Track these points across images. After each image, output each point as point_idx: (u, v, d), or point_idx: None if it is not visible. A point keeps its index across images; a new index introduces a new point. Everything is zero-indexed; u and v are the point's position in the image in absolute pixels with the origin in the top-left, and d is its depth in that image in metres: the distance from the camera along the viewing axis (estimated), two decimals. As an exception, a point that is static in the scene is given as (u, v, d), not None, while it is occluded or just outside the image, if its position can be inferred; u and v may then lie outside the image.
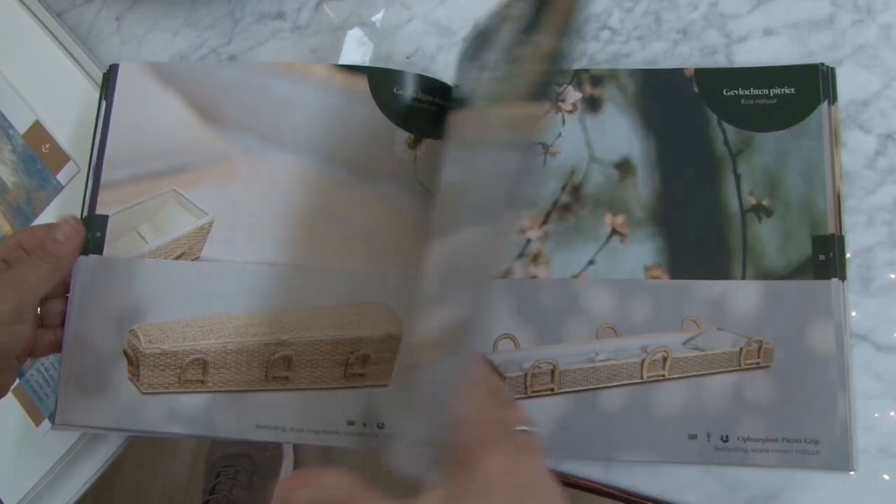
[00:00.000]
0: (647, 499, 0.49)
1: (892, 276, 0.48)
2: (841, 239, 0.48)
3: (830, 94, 0.49)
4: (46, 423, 0.57)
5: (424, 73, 0.54)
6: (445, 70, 0.57)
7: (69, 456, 0.57)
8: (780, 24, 0.53)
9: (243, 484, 1.11)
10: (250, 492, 1.11)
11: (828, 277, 0.47)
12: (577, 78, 0.52)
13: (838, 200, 0.48)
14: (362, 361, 0.50)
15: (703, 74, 0.51)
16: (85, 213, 0.54)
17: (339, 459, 1.25)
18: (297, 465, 1.24)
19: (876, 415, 0.47)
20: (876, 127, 0.50)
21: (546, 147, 0.51)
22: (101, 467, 0.58)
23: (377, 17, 0.60)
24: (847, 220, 0.49)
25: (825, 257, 0.48)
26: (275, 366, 0.50)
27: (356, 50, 0.60)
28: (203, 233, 0.53)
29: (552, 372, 0.48)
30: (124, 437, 0.57)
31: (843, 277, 0.48)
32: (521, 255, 0.50)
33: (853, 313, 0.48)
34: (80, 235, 0.52)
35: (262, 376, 0.50)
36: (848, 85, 0.51)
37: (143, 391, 0.51)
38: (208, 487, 1.12)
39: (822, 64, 0.50)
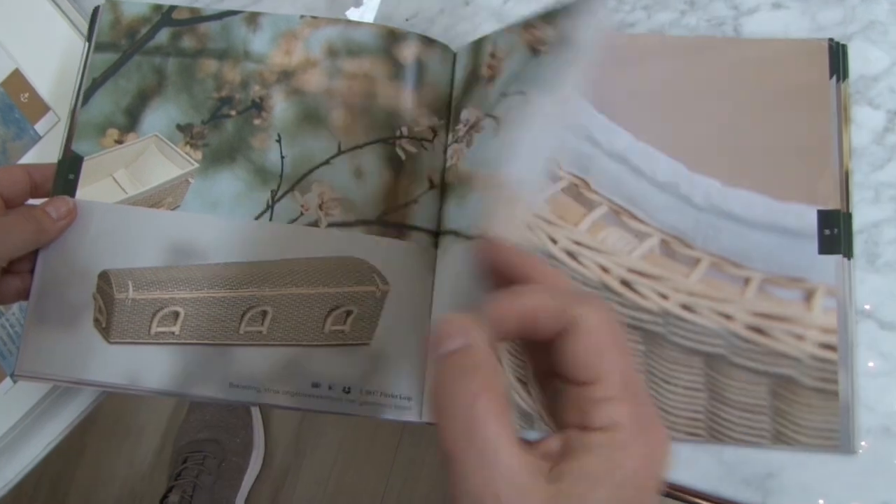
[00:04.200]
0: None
1: (898, 254, 0.47)
2: (848, 216, 0.47)
3: (840, 71, 0.48)
4: (8, 382, 0.54)
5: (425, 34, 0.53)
6: (445, 33, 0.56)
7: (30, 416, 0.54)
8: (789, -2, 0.52)
9: (211, 470, 1.07)
10: (218, 478, 1.08)
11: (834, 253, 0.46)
12: None
13: (846, 178, 0.47)
14: (344, 318, 0.48)
15: None
16: (60, 155, 0.52)
17: (312, 447, 1.23)
18: (267, 453, 1.22)
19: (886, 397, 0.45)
20: (885, 103, 0.49)
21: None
22: (64, 431, 0.55)
23: None
24: (853, 196, 0.48)
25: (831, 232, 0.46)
26: (251, 320, 0.48)
27: (353, 11, 0.58)
28: (185, 183, 0.50)
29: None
30: (87, 401, 0.55)
31: (849, 255, 0.46)
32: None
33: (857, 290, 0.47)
34: (71, 217, 0.50)
35: (236, 330, 0.48)
36: (857, 60, 0.50)
37: (111, 340, 0.48)
38: (174, 473, 1.09)
39: (832, 39, 0.49)
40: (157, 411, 1.28)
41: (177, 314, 0.48)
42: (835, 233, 0.46)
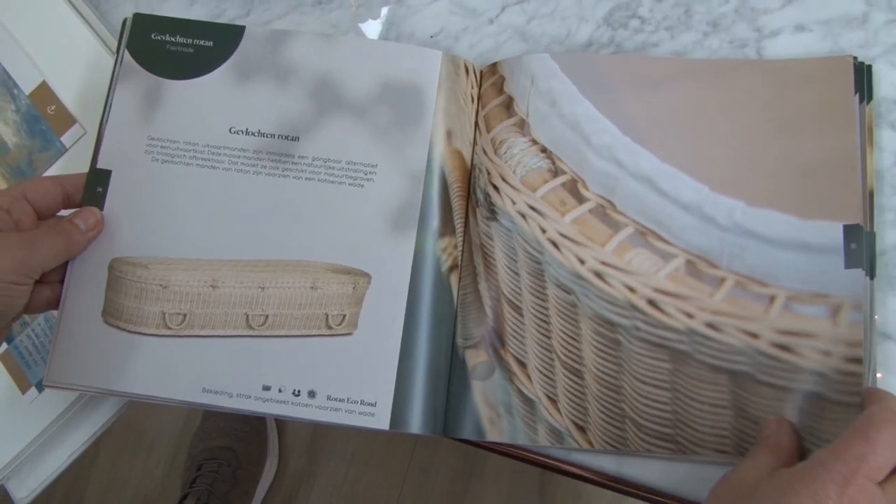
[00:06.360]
0: (660, 494, 0.48)
1: (920, 275, 0.48)
2: (872, 235, 0.47)
3: (864, 91, 0.49)
4: (33, 391, 0.55)
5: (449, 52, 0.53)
6: (469, 51, 0.57)
7: (54, 427, 0.55)
8: (812, 20, 0.52)
9: (225, 478, 1.08)
10: (233, 486, 1.08)
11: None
12: None
13: (871, 199, 0.47)
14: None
15: None
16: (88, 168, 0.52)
17: (326, 455, 1.23)
18: (281, 461, 1.22)
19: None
20: (907, 126, 0.50)
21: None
22: (88, 441, 0.56)
23: (380, 9, 0.59)
24: (875, 218, 0.48)
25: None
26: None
27: (377, 27, 0.59)
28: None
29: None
30: (111, 412, 0.56)
31: (872, 275, 0.46)
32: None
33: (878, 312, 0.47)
34: (99, 229, 0.51)
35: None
36: (880, 83, 0.50)
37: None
38: (188, 480, 1.09)
39: (856, 58, 0.49)
40: (171, 418, 1.28)
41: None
42: (861, 246, 0.46)
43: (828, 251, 0.46)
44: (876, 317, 0.47)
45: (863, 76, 0.49)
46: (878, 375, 0.46)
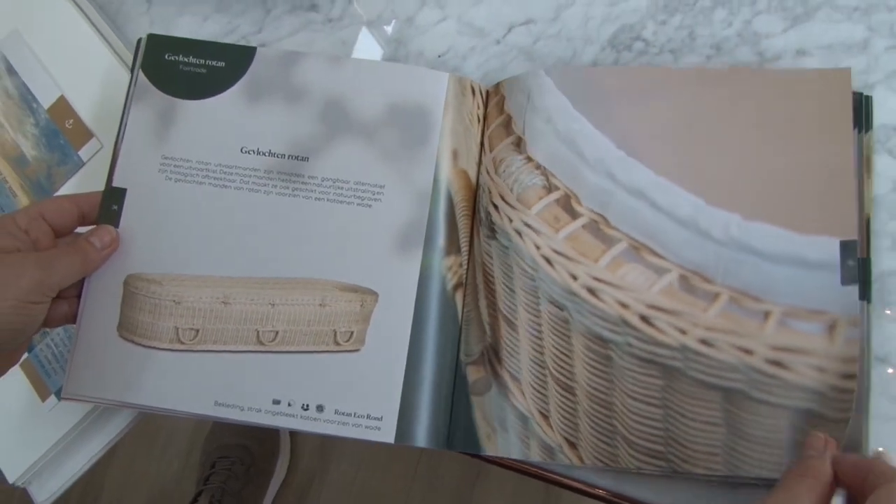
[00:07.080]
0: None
1: (914, 301, 0.48)
2: (868, 261, 0.47)
3: (863, 121, 0.49)
4: (52, 399, 0.57)
5: (455, 73, 0.54)
6: (476, 71, 0.58)
7: (73, 433, 0.57)
8: (813, 45, 0.53)
9: (239, 475, 1.10)
10: (247, 484, 1.10)
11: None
12: None
13: (867, 225, 0.48)
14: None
15: None
16: (104, 186, 0.54)
17: (337, 453, 1.24)
18: (293, 459, 1.24)
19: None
20: (905, 152, 0.50)
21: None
22: (105, 447, 0.58)
23: (389, 27, 0.60)
24: (872, 244, 0.49)
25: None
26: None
27: (386, 46, 0.60)
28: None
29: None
30: (128, 419, 0.57)
31: (868, 299, 0.47)
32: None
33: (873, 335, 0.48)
34: (114, 247, 0.52)
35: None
36: (879, 109, 0.51)
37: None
38: (202, 477, 1.12)
39: (859, 93, 0.49)
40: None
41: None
42: (858, 263, 0.46)
43: (824, 267, 0.46)
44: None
45: (861, 106, 0.49)
46: (889, 371, 0.47)
